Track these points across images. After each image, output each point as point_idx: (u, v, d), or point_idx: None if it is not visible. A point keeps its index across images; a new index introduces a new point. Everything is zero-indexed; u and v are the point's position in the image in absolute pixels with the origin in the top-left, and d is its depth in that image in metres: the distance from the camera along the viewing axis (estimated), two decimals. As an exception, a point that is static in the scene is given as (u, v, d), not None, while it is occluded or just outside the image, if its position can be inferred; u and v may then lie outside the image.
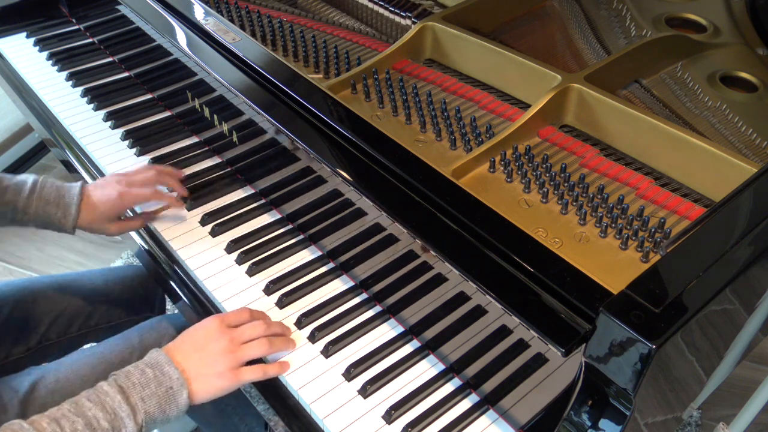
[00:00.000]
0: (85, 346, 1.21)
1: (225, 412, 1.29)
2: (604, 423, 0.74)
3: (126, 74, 1.47)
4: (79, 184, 1.09)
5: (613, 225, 0.85)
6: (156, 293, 1.36)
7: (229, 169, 1.24)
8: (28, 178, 1.07)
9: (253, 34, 1.20)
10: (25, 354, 1.19)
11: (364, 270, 1.02)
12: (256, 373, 0.89)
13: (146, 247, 1.15)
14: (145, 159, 1.26)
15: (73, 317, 1.24)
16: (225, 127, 1.20)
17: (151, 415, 0.80)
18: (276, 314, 1.00)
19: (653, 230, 0.83)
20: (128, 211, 1.16)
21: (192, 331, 0.90)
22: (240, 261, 1.07)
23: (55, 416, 0.76)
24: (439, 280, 0.90)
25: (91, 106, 1.39)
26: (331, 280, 1.05)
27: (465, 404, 0.90)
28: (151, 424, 0.82)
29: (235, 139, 1.19)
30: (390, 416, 0.88)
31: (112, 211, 1.09)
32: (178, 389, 0.82)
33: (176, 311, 1.28)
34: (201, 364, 0.85)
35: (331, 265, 1.07)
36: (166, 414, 0.82)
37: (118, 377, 0.82)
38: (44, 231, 1.10)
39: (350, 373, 0.92)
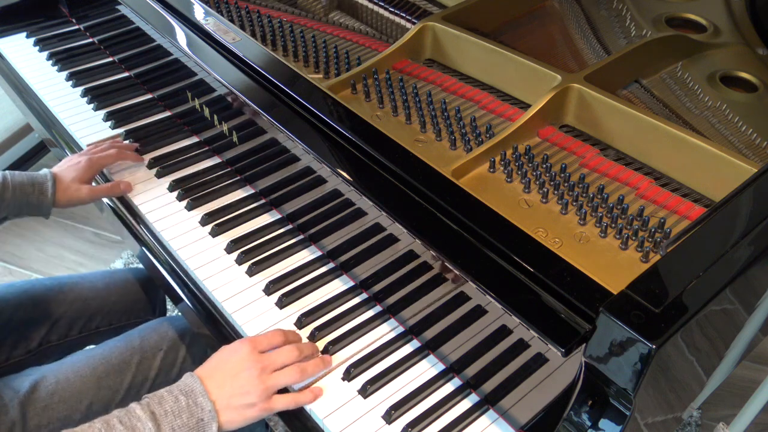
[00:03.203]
0: (86, 348, 1.21)
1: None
2: (604, 423, 0.74)
3: (126, 74, 1.47)
4: (45, 170, 1.16)
5: (613, 225, 0.85)
6: (157, 296, 1.36)
7: (229, 169, 1.24)
8: None
9: (253, 34, 1.20)
10: (25, 356, 1.19)
11: (364, 270, 1.02)
12: (287, 403, 0.87)
13: (146, 248, 1.15)
14: (145, 159, 1.26)
15: (74, 320, 1.24)
16: (225, 127, 1.20)
17: None
18: (276, 314, 1.00)
19: (653, 230, 0.83)
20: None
21: (225, 356, 0.87)
22: (240, 261, 1.07)
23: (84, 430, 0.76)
24: (439, 280, 0.90)
25: (91, 106, 1.39)
26: (331, 280, 1.05)
27: (465, 404, 0.90)
28: None
29: (235, 139, 1.19)
30: (390, 416, 0.88)
31: (83, 174, 1.16)
32: (209, 421, 0.81)
33: (177, 312, 1.28)
34: (232, 394, 0.83)
35: (331, 265, 1.07)
36: None
37: (151, 402, 0.80)
38: (44, 231, 1.10)
39: (350, 373, 0.92)
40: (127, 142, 1.28)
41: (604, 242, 0.84)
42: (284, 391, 0.90)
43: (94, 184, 1.21)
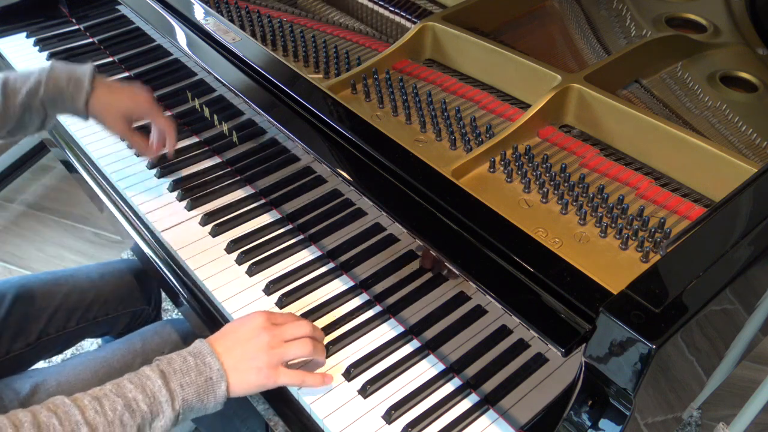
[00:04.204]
0: (85, 346, 1.21)
1: (225, 413, 1.29)
2: (604, 423, 0.74)
3: (126, 74, 1.47)
4: (89, 66, 1.09)
5: (613, 225, 0.85)
6: (151, 286, 1.37)
7: (229, 169, 1.24)
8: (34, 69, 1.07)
9: (253, 34, 1.20)
10: (25, 349, 1.19)
11: (364, 270, 1.02)
12: (294, 378, 0.88)
13: (146, 248, 1.15)
14: (145, 159, 1.26)
15: (71, 311, 1.24)
16: (225, 127, 1.20)
17: (189, 402, 0.80)
18: (276, 314, 1.00)
19: (653, 230, 0.83)
20: None
21: (237, 324, 0.89)
22: (240, 261, 1.07)
23: (97, 395, 0.77)
24: (439, 280, 0.90)
25: (91, 106, 1.39)
26: (331, 280, 1.05)
27: (465, 404, 0.90)
28: (189, 412, 0.81)
29: (235, 139, 1.19)
30: (390, 416, 0.88)
31: (127, 104, 1.10)
32: (218, 380, 0.82)
33: (178, 314, 1.28)
34: (241, 357, 0.84)
35: (331, 265, 1.07)
36: (204, 404, 0.82)
37: (160, 362, 0.82)
38: (44, 231, 1.10)
39: (350, 373, 0.92)
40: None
41: (604, 242, 0.84)
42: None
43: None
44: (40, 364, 1.28)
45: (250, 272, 1.05)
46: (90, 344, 1.83)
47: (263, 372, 0.85)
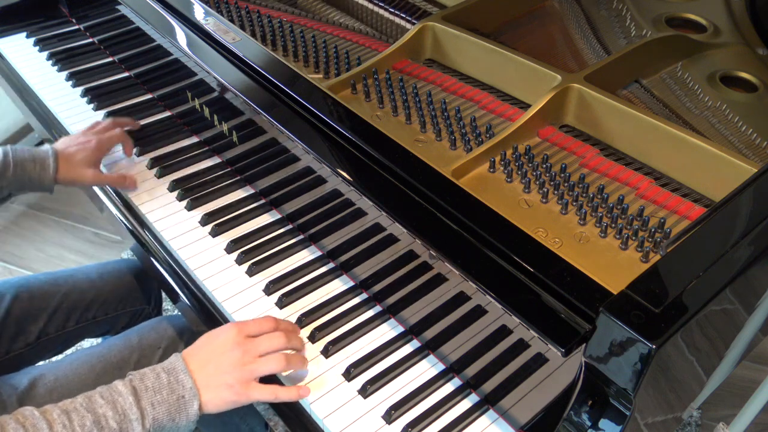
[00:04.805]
0: (85, 346, 1.21)
1: (226, 414, 1.29)
2: (604, 423, 0.74)
3: (126, 74, 1.47)
4: (47, 145, 1.15)
5: (613, 225, 0.85)
6: (151, 285, 1.37)
7: (229, 169, 1.24)
8: None
9: (253, 34, 1.20)
10: (24, 349, 1.19)
11: (364, 270, 1.02)
12: (265, 394, 0.86)
13: (146, 247, 1.15)
14: (145, 159, 1.26)
15: (71, 311, 1.24)
16: (225, 127, 1.20)
17: (160, 421, 0.80)
18: (276, 314, 1.00)
19: (653, 230, 0.83)
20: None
21: (211, 337, 0.88)
22: (240, 261, 1.07)
23: (67, 408, 0.77)
24: (439, 280, 0.90)
25: (91, 106, 1.39)
26: (331, 280, 1.05)
27: (465, 404, 0.90)
28: (160, 431, 0.81)
29: (235, 139, 1.19)
30: (390, 416, 0.88)
31: (91, 156, 1.16)
32: (190, 399, 0.81)
33: (176, 311, 1.28)
34: (214, 373, 0.84)
35: (331, 265, 1.07)
36: (176, 422, 0.81)
37: (133, 378, 0.81)
38: (44, 231, 1.11)
39: (350, 373, 0.92)
40: (127, 119, 1.29)
41: (604, 242, 0.84)
42: (273, 380, 0.89)
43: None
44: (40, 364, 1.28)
45: (250, 272, 1.05)
46: (89, 344, 1.83)
47: (235, 388, 0.84)
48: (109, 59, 1.51)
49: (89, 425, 0.76)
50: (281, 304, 1.01)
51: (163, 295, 1.43)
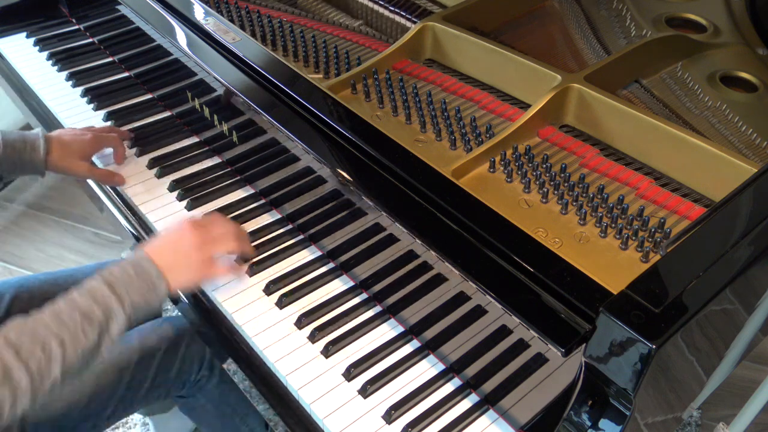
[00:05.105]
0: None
1: (226, 415, 1.29)
2: (604, 423, 0.74)
3: (126, 74, 1.47)
4: (37, 129, 1.17)
5: (613, 225, 0.85)
6: None
7: (229, 169, 1.24)
8: None
9: (253, 34, 1.20)
10: None
11: (364, 270, 1.02)
12: (223, 270, 0.97)
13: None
14: (145, 159, 1.26)
15: None
16: (225, 127, 1.20)
17: (136, 304, 0.87)
18: (276, 314, 1.00)
19: (653, 230, 0.83)
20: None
21: (167, 232, 0.97)
22: (240, 261, 1.07)
23: (55, 311, 0.82)
24: (439, 280, 0.90)
25: (91, 106, 1.39)
26: (331, 280, 1.05)
27: (465, 404, 0.90)
28: (138, 313, 0.88)
29: (235, 139, 1.19)
30: (390, 416, 0.88)
31: (86, 148, 1.18)
32: (158, 281, 0.89)
33: (176, 312, 1.28)
34: (174, 258, 0.93)
35: (331, 265, 1.07)
36: (149, 303, 0.89)
37: (103, 274, 0.87)
38: (44, 231, 1.11)
39: (350, 373, 0.92)
40: (123, 130, 1.30)
41: (604, 242, 0.84)
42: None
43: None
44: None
45: (250, 272, 1.05)
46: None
47: (195, 269, 0.94)
48: (109, 59, 1.51)
49: (79, 319, 0.81)
50: (281, 304, 1.01)
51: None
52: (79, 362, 0.81)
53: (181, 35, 1.20)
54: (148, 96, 1.42)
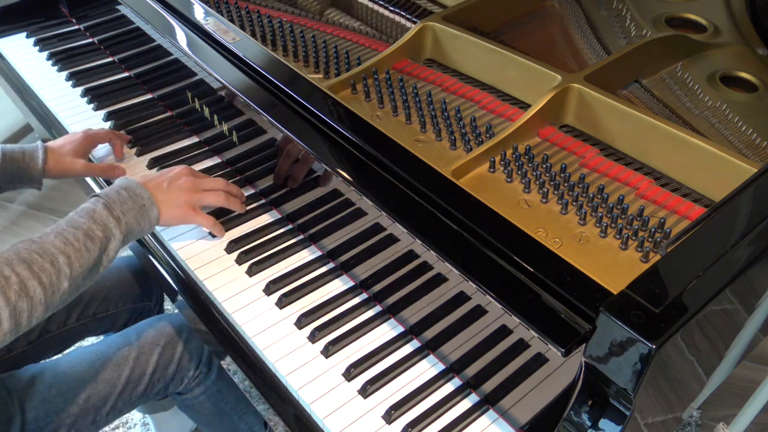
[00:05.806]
0: (84, 344, 1.21)
1: (224, 412, 1.29)
2: (604, 423, 0.74)
3: (126, 74, 1.47)
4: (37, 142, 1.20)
5: (613, 225, 0.85)
6: (152, 282, 1.37)
7: (229, 169, 1.24)
8: None
9: (253, 34, 1.20)
10: (26, 348, 1.20)
11: (364, 270, 1.02)
12: (206, 220, 1.06)
13: (145, 248, 1.15)
14: (145, 159, 1.26)
15: (71, 308, 1.25)
16: (225, 127, 1.20)
17: (131, 226, 0.94)
18: (276, 314, 1.00)
19: (653, 230, 0.83)
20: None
21: (165, 170, 1.05)
22: (240, 261, 1.07)
23: (58, 230, 0.87)
24: (439, 280, 0.90)
25: (91, 106, 1.39)
26: (331, 280, 1.05)
27: (465, 404, 0.90)
28: (131, 236, 0.96)
29: (235, 139, 1.19)
30: (390, 416, 0.88)
31: (78, 147, 1.20)
32: (150, 206, 0.97)
33: (175, 310, 1.28)
34: (166, 194, 1.01)
35: (331, 265, 1.07)
36: (141, 227, 0.96)
37: (100, 196, 0.94)
38: (43, 231, 1.11)
39: (350, 373, 0.92)
40: (119, 133, 1.30)
41: (604, 242, 0.84)
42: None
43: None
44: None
45: (250, 272, 1.05)
46: (90, 343, 1.83)
47: (183, 209, 1.03)
48: (109, 59, 1.51)
49: (82, 238, 0.87)
50: (281, 304, 1.01)
51: (163, 294, 1.44)
52: (82, 277, 0.87)
53: (181, 35, 1.20)
54: (148, 96, 1.42)
